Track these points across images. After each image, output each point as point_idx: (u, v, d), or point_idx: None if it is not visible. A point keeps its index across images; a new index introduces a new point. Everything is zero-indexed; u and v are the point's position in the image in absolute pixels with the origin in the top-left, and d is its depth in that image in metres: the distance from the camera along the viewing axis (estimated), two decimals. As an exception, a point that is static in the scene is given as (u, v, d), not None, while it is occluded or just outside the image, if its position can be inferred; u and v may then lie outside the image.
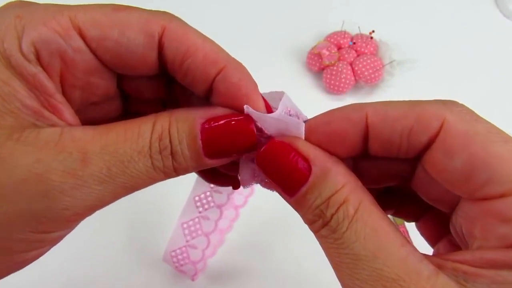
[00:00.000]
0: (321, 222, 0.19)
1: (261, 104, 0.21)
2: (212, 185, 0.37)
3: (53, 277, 0.44)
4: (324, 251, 0.19)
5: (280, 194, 0.20)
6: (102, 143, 0.18)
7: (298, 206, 0.20)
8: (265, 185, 0.22)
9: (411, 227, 0.47)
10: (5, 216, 0.17)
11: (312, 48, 0.59)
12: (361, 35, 0.60)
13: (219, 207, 0.40)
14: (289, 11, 0.66)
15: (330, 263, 0.19)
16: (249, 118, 0.20)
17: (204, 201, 0.40)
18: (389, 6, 0.67)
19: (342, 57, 0.58)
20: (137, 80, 0.22)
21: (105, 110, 0.22)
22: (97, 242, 0.46)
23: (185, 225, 0.41)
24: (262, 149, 0.20)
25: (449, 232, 0.22)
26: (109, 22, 0.19)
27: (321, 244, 0.20)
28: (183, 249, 0.42)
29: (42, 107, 0.18)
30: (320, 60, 0.58)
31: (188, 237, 0.41)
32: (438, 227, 0.24)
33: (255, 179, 0.22)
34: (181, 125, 0.19)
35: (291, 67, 0.61)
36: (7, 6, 0.19)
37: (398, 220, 0.47)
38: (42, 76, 0.18)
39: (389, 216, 0.19)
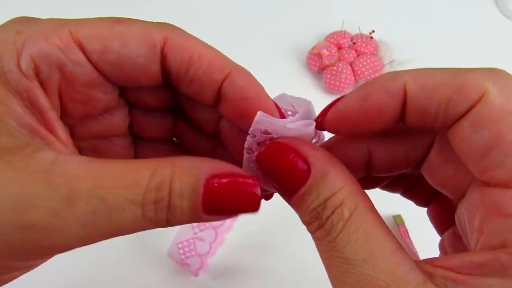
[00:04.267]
0: (317, 224, 0.19)
1: (272, 106, 0.20)
2: None
3: (53, 270, 0.44)
4: (319, 253, 0.19)
5: (280, 194, 0.20)
6: (93, 184, 0.17)
7: (296, 206, 0.20)
8: (263, 185, 0.22)
9: (412, 228, 0.47)
10: None
11: (312, 48, 0.59)
12: (361, 35, 0.60)
13: None
14: (289, 11, 0.66)
15: (324, 265, 0.19)
16: (255, 180, 0.19)
17: None
18: (389, 6, 0.67)
19: (342, 57, 0.58)
20: (141, 91, 0.21)
21: (107, 122, 0.22)
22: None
23: None
24: (262, 149, 0.20)
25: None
26: (110, 34, 0.19)
27: (316, 245, 0.20)
28: (191, 241, 0.42)
29: (38, 124, 0.18)
30: (320, 60, 0.58)
31: (196, 229, 0.42)
32: (446, 214, 0.24)
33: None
34: (185, 179, 0.18)
35: (291, 67, 0.61)
36: (10, 22, 0.19)
37: (399, 220, 0.47)
38: (38, 92, 0.18)
39: (391, 216, 0.19)
